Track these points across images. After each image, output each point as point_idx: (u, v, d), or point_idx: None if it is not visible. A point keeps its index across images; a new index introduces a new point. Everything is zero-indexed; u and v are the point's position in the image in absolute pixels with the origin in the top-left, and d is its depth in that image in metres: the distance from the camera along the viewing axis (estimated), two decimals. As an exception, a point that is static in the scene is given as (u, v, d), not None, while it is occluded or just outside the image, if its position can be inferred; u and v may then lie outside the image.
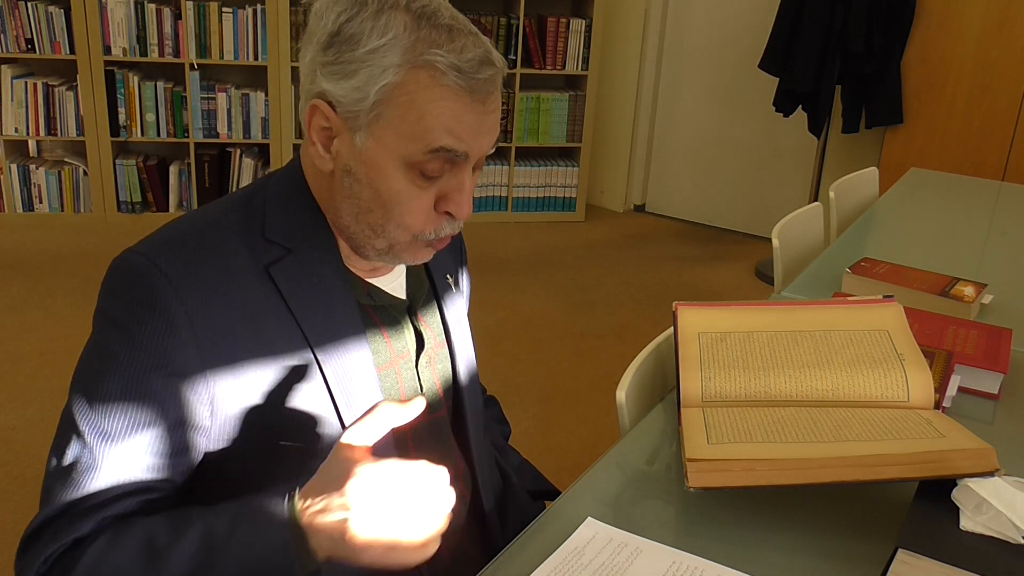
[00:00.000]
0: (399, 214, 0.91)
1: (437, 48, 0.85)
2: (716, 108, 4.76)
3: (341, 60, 0.86)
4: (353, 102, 0.87)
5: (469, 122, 0.88)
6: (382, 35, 0.85)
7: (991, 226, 2.40)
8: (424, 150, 0.87)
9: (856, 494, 1.06)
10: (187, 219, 0.94)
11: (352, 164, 0.90)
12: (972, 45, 3.60)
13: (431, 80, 0.85)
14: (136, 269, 0.87)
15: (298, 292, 0.92)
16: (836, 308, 1.29)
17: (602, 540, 0.95)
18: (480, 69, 0.86)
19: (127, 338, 0.85)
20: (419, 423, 1.02)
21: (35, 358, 2.91)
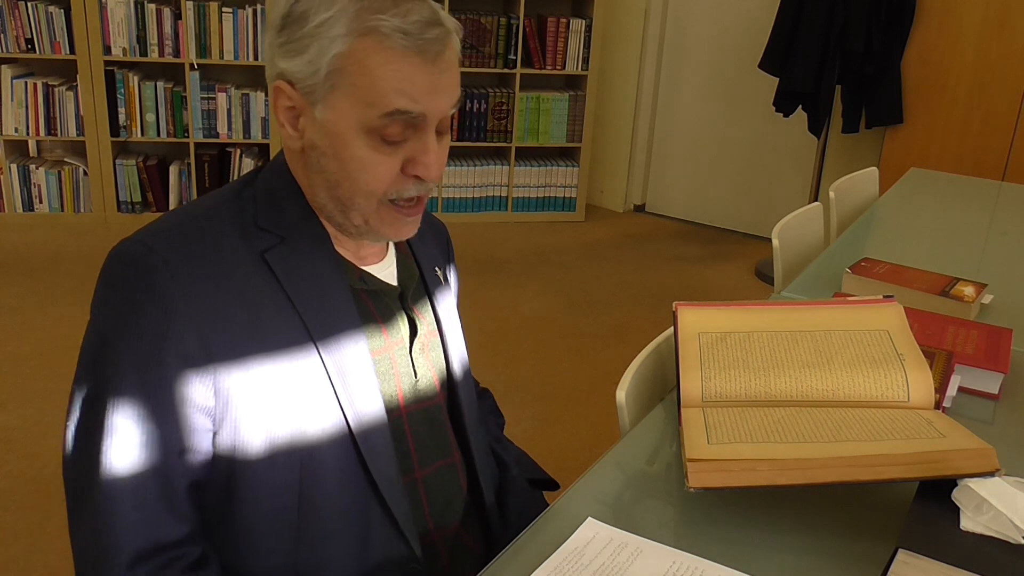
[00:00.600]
0: (365, 182, 0.92)
1: (380, 14, 0.87)
2: (716, 108, 4.76)
3: (293, 39, 0.89)
4: (308, 75, 0.89)
5: (421, 82, 0.89)
6: (328, 8, 0.88)
7: (991, 226, 2.40)
8: (379, 114, 0.89)
9: (856, 494, 1.06)
10: (181, 211, 0.96)
11: (316, 138, 0.92)
12: (972, 45, 3.60)
13: (377, 45, 0.87)
14: (135, 257, 0.88)
15: (294, 277, 0.93)
16: (836, 308, 1.29)
17: (602, 540, 0.95)
18: (426, 29, 0.88)
19: (129, 325, 0.86)
20: (415, 409, 1.03)
21: (35, 358, 2.91)
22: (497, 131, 4.52)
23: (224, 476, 0.91)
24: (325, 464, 0.94)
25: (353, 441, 0.95)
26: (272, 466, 0.91)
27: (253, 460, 0.91)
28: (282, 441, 0.91)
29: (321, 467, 0.93)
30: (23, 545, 2.07)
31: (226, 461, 0.91)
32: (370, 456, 0.95)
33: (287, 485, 0.92)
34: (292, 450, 0.92)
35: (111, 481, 0.86)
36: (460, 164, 4.53)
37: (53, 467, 2.35)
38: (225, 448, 0.90)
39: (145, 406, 0.86)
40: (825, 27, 3.70)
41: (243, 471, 0.91)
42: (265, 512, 0.92)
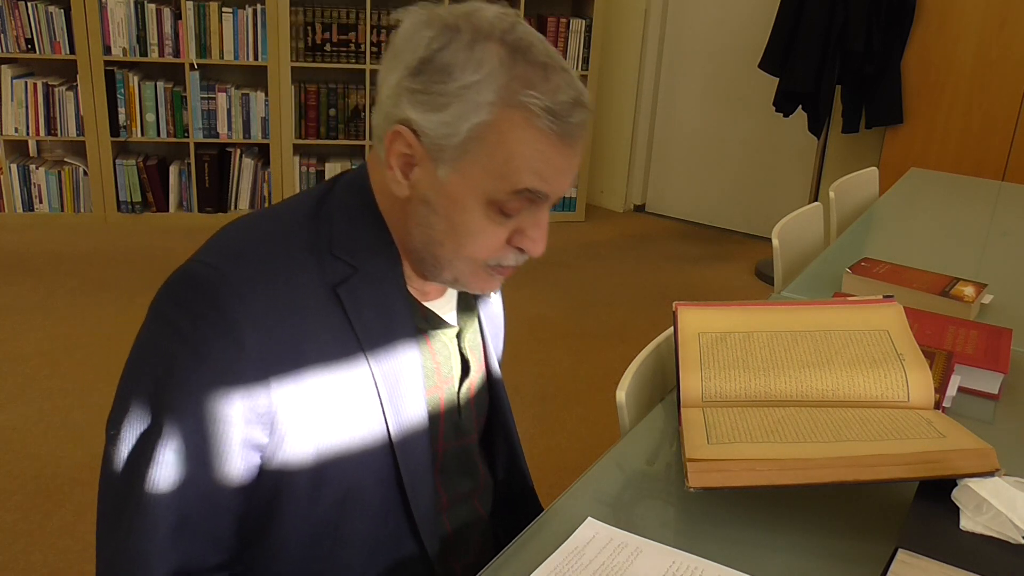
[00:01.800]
0: (471, 249, 0.90)
1: (531, 89, 0.83)
2: (716, 108, 4.76)
3: (431, 91, 0.84)
4: (441, 136, 0.84)
5: (556, 164, 0.86)
6: (476, 70, 0.83)
7: (991, 226, 2.40)
8: (509, 190, 0.86)
9: (856, 494, 1.06)
10: (254, 226, 0.92)
11: (431, 195, 0.88)
12: (972, 45, 3.60)
13: (524, 122, 0.83)
14: (205, 282, 0.85)
15: (363, 315, 0.90)
16: (836, 308, 1.29)
17: (602, 540, 0.95)
18: (572, 112, 0.85)
19: (193, 353, 0.83)
20: (452, 446, 1.03)
21: (35, 358, 2.91)
22: (497, 131, 4.52)
23: (265, 504, 0.90)
24: (366, 501, 0.93)
25: (398, 480, 0.94)
26: (314, 501, 0.90)
27: (296, 494, 0.89)
28: (328, 477, 0.90)
29: (362, 504, 0.93)
30: (23, 545, 2.07)
31: (269, 492, 0.89)
32: (413, 496, 0.95)
33: (326, 519, 0.91)
34: (336, 487, 0.90)
35: (153, 505, 0.83)
36: (460, 164, 4.52)
37: (53, 467, 2.35)
38: (270, 481, 0.89)
39: (199, 437, 0.84)
40: (825, 27, 3.70)
41: (285, 503, 0.90)
42: (300, 542, 0.92)
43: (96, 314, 3.26)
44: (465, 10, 0.87)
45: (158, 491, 0.83)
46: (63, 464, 2.37)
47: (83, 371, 2.81)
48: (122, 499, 0.85)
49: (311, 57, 4.18)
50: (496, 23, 0.85)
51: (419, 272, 0.96)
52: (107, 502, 0.87)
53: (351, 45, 4.20)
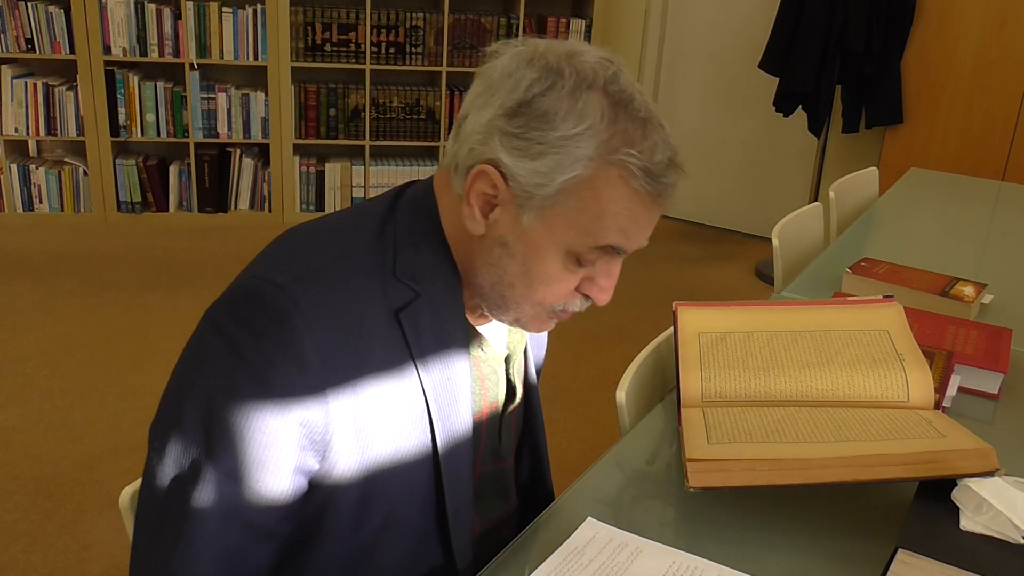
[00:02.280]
0: (542, 295, 0.89)
1: (631, 147, 0.81)
2: (716, 108, 4.76)
3: (528, 137, 0.82)
4: (532, 184, 0.83)
5: (643, 223, 0.86)
6: (578, 122, 0.81)
7: (991, 226, 2.40)
8: (592, 245, 0.85)
9: (856, 494, 1.06)
10: (319, 244, 0.89)
11: (510, 239, 0.86)
12: (972, 45, 3.60)
13: (620, 180, 0.82)
14: (274, 305, 0.81)
15: (422, 341, 0.88)
16: (836, 308, 1.29)
17: (602, 540, 0.95)
18: (667, 173, 0.84)
19: (254, 376, 0.80)
20: (489, 470, 1.02)
21: (35, 358, 2.91)
22: (497, 131, 4.52)
23: (307, 529, 0.88)
24: (406, 527, 0.92)
25: (438, 506, 0.93)
26: (356, 528, 0.89)
27: (340, 520, 0.88)
28: (373, 503, 0.89)
29: (401, 530, 0.92)
30: (23, 545, 2.07)
31: (313, 517, 0.88)
32: (455, 523, 0.94)
33: (365, 546, 0.91)
34: (379, 513, 0.89)
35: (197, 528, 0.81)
36: (460, 164, 4.52)
37: (53, 467, 2.35)
38: (315, 506, 0.87)
39: (251, 462, 0.81)
40: (825, 27, 3.70)
41: (327, 529, 0.88)
42: (336, 568, 0.91)
43: (96, 314, 3.26)
44: (567, 51, 0.84)
45: (203, 514, 0.81)
46: (63, 464, 2.37)
47: (83, 371, 2.81)
48: (165, 517, 0.83)
49: (311, 57, 4.18)
50: (599, 70, 0.83)
51: (477, 302, 0.94)
52: (148, 517, 0.85)
53: (351, 45, 4.20)
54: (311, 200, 4.38)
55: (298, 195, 4.36)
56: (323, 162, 4.38)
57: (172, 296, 3.45)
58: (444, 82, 4.35)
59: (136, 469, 0.88)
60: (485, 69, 0.86)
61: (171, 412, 0.84)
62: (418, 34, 4.26)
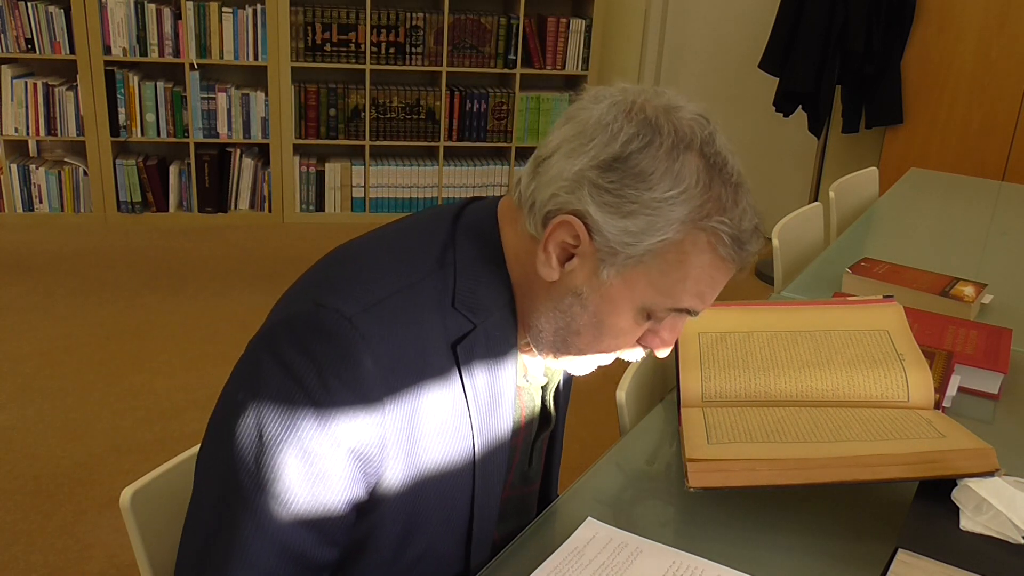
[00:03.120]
0: (607, 346, 0.88)
1: (722, 214, 0.81)
2: (716, 108, 4.69)
3: (621, 194, 0.80)
4: (620, 243, 0.81)
5: (719, 286, 0.85)
6: (674, 184, 0.79)
7: (991, 226, 2.40)
8: (669, 307, 0.85)
9: (856, 494, 1.06)
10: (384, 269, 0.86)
11: (585, 291, 0.85)
12: (972, 45, 3.60)
13: (708, 247, 0.81)
14: (339, 334, 0.79)
15: (474, 373, 0.87)
16: (836, 308, 1.29)
17: (602, 540, 0.95)
18: (752, 241, 0.83)
19: (316, 408, 0.78)
20: (515, 494, 1.02)
21: (35, 358, 2.91)
22: (497, 131, 4.52)
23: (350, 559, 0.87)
24: (440, 557, 0.92)
25: (467, 533, 0.93)
26: (396, 558, 0.88)
27: (380, 553, 0.87)
28: (414, 537, 0.88)
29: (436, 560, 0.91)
30: (23, 545, 2.07)
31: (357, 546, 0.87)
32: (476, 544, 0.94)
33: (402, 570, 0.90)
34: (419, 546, 0.89)
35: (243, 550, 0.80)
36: (460, 164, 4.52)
37: (53, 467, 2.35)
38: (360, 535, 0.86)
39: (305, 496, 0.80)
40: (825, 27, 3.70)
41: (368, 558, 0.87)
42: None
43: (96, 314, 3.26)
44: (665, 106, 0.83)
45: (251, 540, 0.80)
46: (63, 464, 2.37)
47: (83, 371, 2.81)
48: (213, 542, 0.82)
49: (311, 57, 4.18)
50: (697, 130, 0.82)
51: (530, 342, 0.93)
52: (194, 544, 0.84)
53: (351, 45, 4.20)
54: (311, 200, 4.38)
55: (298, 195, 4.36)
56: (323, 162, 4.38)
57: (172, 296, 3.45)
58: (444, 82, 4.35)
59: (136, 469, 0.88)
60: (577, 111, 0.85)
61: (222, 439, 0.82)
62: (418, 34, 4.26)
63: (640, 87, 0.85)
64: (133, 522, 0.96)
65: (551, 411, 1.02)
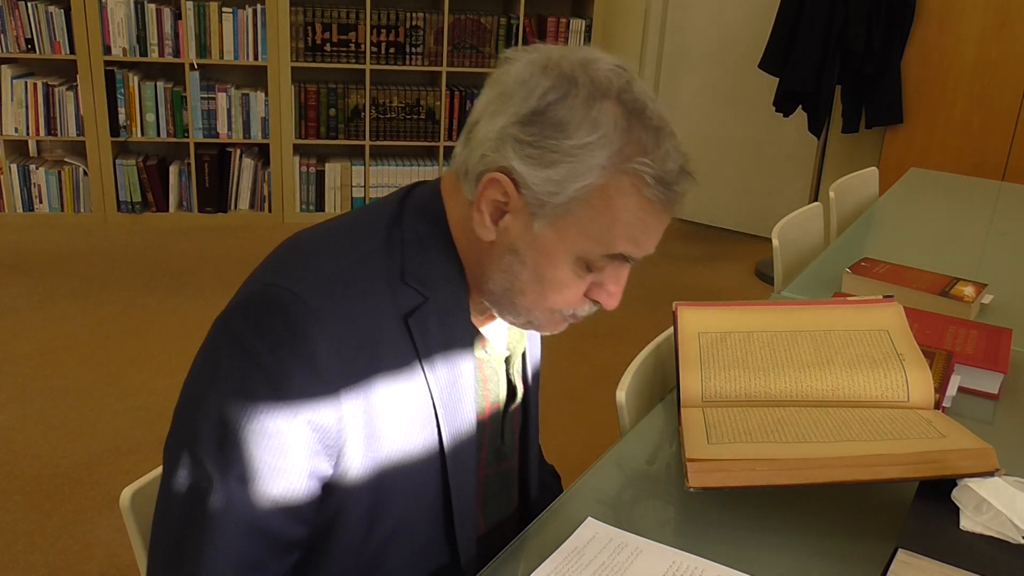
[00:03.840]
0: (552, 300, 0.89)
1: (644, 156, 0.82)
2: (716, 108, 4.76)
3: (542, 145, 0.82)
4: (545, 192, 0.83)
5: (653, 231, 0.86)
6: (592, 131, 0.81)
7: (991, 226, 2.40)
8: (603, 253, 0.86)
9: (856, 494, 1.06)
10: (331, 250, 0.89)
11: (521, 246, 0.87)
12: (972, 45, 3.60)
13: (633, 189, 0.83)
14: (289, 311, 0.81)
15: (429, 344, 0.89)
16: (836, 308, 1.29)
17: (602, 540, 0.95)
18: (679, 181, 0.84)
19: (270, 383, 0.80)
20: (492, 472, 1.02)
21: (35, 358, 2.91)
22: (497, 131, 4.52)
23: (319, 536, 0.89)
24: (414, 534, 0.92)
25: (445, 510, 0.94)
26: (366, 535, 0.89)
27: (350, 527, 0.88)
28: (383, 510, 0.89)
29: (410, 537, 0.92)
30: (23, 545, 2.07)
31: (326, 523, 0.88)
32: (460, 526, 0.95)
33: (374, 553, 0.91)
34: (389, 520, 0.90)
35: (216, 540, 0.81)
36: (460, 164, 4.53)
37: (53, 467, 2.35)
38: (328, 511, 0.87)
39: (268, 470, 0.81)
40: (825, 27, 3.70)
41: (338, 535, 0.89)
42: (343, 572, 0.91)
43: (96, 314, 3.26)
44: (581, 60, 0.84)
45: (222, 523, 0.81)
46: (63, 464, 2.37)
47: (83, 371, 2.81)
48: (183, 531, 0.82)
49: (311, 57, 4.18)
50: (613, 79, 0.83)
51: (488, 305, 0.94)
52: (166, 532, 0.84)
53: (351, 45, 4.20)
54: (311, 200, 4.38)
55: (298, 195, 4.36)
56: (323, 162, 4.38)
57: (172, 296, 3.45)
58: (444, 82, 4.35)
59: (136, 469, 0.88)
60: (498, 75, 0.86)
61: (184, 424, 0.83)
62: (418, 34, 4.26)
63: (557, 46, 0.87)
64: (133, 522, 0.96)
65: (515, 384, 1.03)
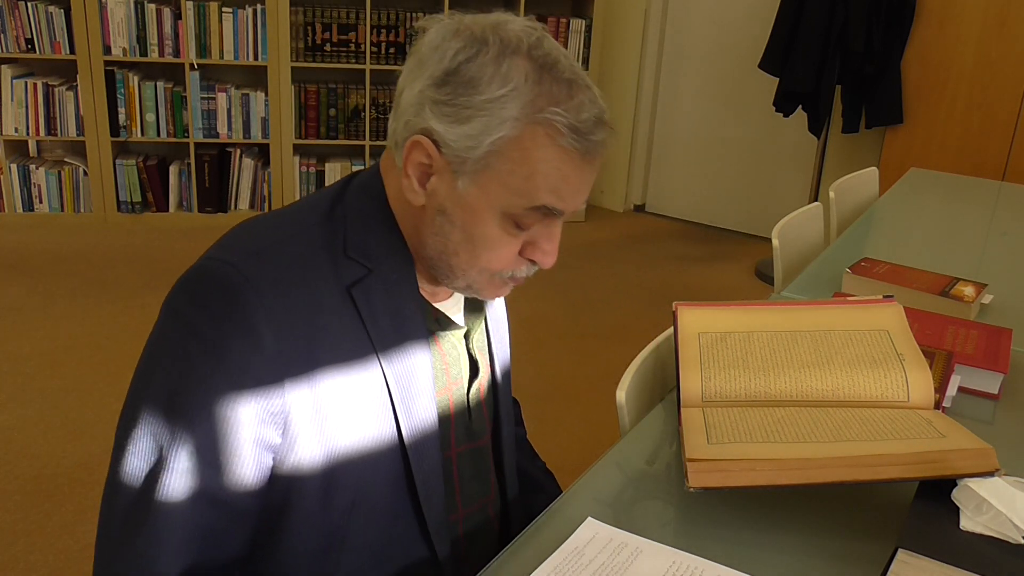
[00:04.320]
0: (486, 259, 0.90)
1: (556, 106, 0.83)
2: (716, 108, 4.76)
3: (456, 103, 0.84)
4: (463, 148, 0.85)
5: (574, 183, 0.87)
6: (502, 84, 0.83)
7: (991, 226, 2.40)
8: (526, 206, 0.86)
9: (856, 494, 1.06)
10: (269, 227, 0.92)
11: (448, 206, 0.88)
12: (972, 45, 3.60)
13: (547, 139, 0.84)
14: (226, 281, 0.84)
15: (376, 315, 0.90)
16: (836, 308, 1.29)
17: (602, 540, 0.95)
18: (595, 130, 0.85)
19: (211, 353, 0.82)
20: (464, 449, 1.02)
21: (35, 358, 2.91)
22: (497, 131, 4.53)
23: (275, 511, 0.90)
24: (376, 506, 0.93)
25: (409, 484, 0.94)
26: (325, 507, 0.90)
27: (307, 499, 0.89)
28: (339, 481, 0.90)
29: (372, 509, 0.93)
30: (23, 545, 2.07)
31: (281, 497, 0.89)
32: (426, 500, 0.95)
33: (336, 526, 0.91)
34: (347, 491, 0.90)
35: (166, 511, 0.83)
36: (460, 164, 4.53)
37: (53, 467, 2.35)
38: (281, 484, 0.88)
39: (213, 440, 0.83)
40: (825, 27, 3.70)
41: (296, 509, 0.89)
42: (309, 550, 0.91)
43: (96, 314, 3.26)
44: (492, 22, 0.86)
45: (171, 495, 0.83)
46: (63, 464, 2.37)
47: (83, 371, 2.81)
48: (133, 504, 0.84)
49: (311, 57, 4.18)
50: (523, 37, 0.85)
51: (432, 277, 0.96)
52: (116, 507, 0.85)
53: (351, 45, 4.20)
54: (311, 200, 4.38)
55: (298, 195, 4.35)
56: (323, 162, 4.38)
57: (172, 296, 3.44)
58: (444, 82, 4.34)
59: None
60: (416, 45, 0.89)
61: (133, 401, 0.86)
62: (418, 34, 4.26)
63: (470, 13, 0.89)
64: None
65: (477, 359, 1.04)
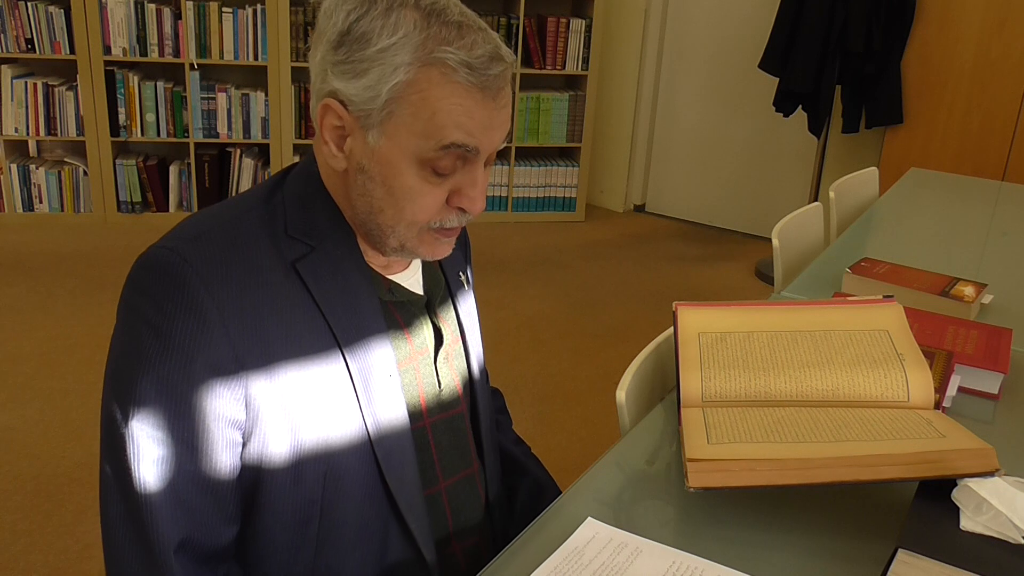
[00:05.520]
0: (411, 211, 0.91)
1: (447, 45, 0.85)
2: (716, 108, 4.76)
3: (352, 59, 0.87)
4: (365, 101, 0.87)
5: (480, 118, 0.88)
6: (392, 33, 0.85)
7: (991, 226, 2.40)
8: (436, 147, 0.87)
9: (856, 494, 1.06)
10: (209, 215, 0.93)
11: (365, 162, 0.90)
12: (972, 45, 3.60)
13: (442, 77, 0.85)
14: (166, 265, 0.86)
15: (324, 288, 0.92)
16: (836, 308, 1.29)
17: (602, 540, 0.95)
18: (490, 65, 0.87)
19: (159, 336, 0.85)
20: (438, 419, 1.03)
21: (35, 358, 2.91)
22: (497, 131, 4.52)
23: (249, 487, 0.91)
24: (347, 478, 0.93)
25: (374, 456, 0.95)
26: (297, 480, 0.91)
27: (278, 473, 0.90)
28: (307, 454, 0.91)
29: (343, 481, 0.93)
30: (23, 545, 2.07)
31: (252, 472, 0.90)
32: (390, 472, 0.95)
33: (310, 499, 0.92)
34: (316, 463, 0.91)
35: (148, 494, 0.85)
36: (460, 164, 4.53)
37: (53, 467, 2.35)
38: (252, 461, 0.90)
39: (176, 419, 0.85)
40: (825, 27, 3.70)
41: (268, 484, 0.90)
42: (286, 524, 0.92)
43: (96, 314, 3.26)
44: None
45: (150, 481, 0.85)
46: (63, 464, 2.37)
47: (83, 371, 2.81)
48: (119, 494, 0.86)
49: (311, 57, 4.17)
50: None
51: (372, 245, 0.97)
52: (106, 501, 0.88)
53: (351, 45, 4.20)
54: (311, 200, 4.38)
55: (298, 195, 4.35)
56: (323, 162, 4.38)
57: (172, 296, 3.44)
58: (444, 82, 4.34)
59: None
60: (316, 21, 0.92)
61: (105, 398, 0.88)
62: (418, 34, 4.26)
63: None
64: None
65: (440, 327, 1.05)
